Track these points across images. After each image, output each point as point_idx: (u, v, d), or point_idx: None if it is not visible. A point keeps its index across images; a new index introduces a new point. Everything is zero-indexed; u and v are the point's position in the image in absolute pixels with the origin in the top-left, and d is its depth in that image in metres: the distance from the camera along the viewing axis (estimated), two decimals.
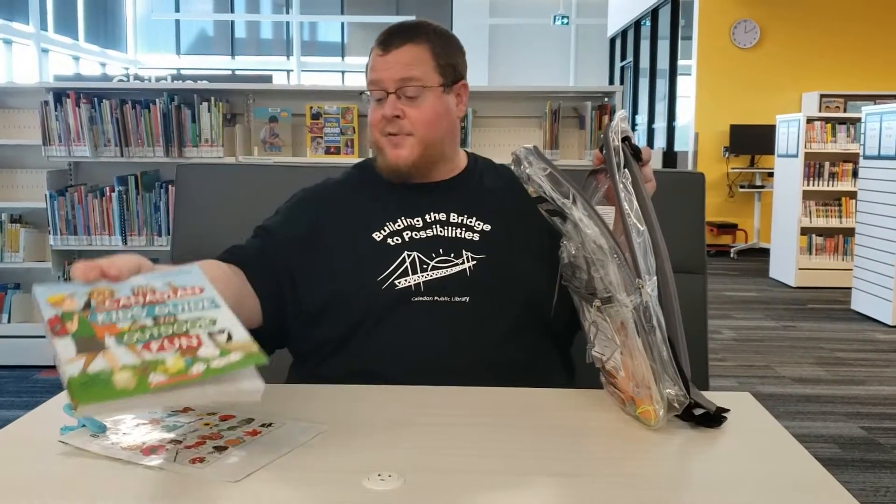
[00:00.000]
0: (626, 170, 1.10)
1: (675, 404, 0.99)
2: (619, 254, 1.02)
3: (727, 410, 1.03)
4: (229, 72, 15.50)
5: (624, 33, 12.56)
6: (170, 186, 3.89)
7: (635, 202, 1.07)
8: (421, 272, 1.29)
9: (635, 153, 1.14)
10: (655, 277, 1.03)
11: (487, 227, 1.35)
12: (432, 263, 1.30)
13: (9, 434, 1.00)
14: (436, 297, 1.28)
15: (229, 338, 0.84)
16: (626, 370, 1.02)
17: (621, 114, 1.15)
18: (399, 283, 1.29)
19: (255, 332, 1.27)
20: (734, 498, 0.85)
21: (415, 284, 1.29)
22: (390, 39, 1.36)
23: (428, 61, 1.36)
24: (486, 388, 1.15)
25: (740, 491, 0.87)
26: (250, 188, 1.68)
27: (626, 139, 1.13)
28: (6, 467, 0.90)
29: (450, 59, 1.39)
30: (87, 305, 0.87)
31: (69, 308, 0.86)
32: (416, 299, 1.28)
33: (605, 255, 1.03)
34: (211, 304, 0.90)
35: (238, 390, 0.80)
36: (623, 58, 12.81)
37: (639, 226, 1.05)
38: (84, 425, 0.98)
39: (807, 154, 6.36)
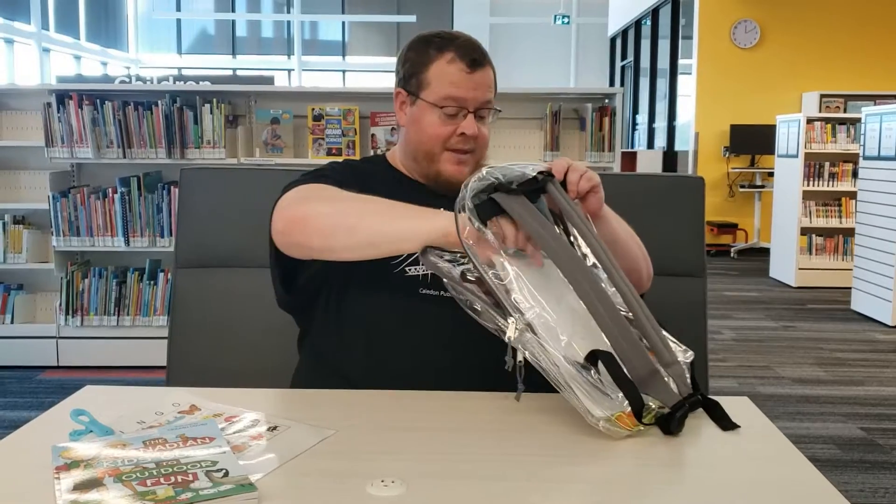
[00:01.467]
0: (497, 219, 1.11)
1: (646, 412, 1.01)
2: (488, 306, 1.08)
3: (685, 405, 1.03)
4: (230, 72, 15.51)
5: (624, 33, 12.56)
6: (172, 188, 3.90)
7: (501, 255, 1.09)
8: (415, 265, 1.31)
9: (516, 189, 1.12)
10: (534, 306, 1.06)
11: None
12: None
13: (17, 439, 1.01)
14: (442, 292, 1.30)
15: (226, 474, 0.86)
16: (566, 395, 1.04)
17: (478, 173, 1.13)
18: (409, 270, 1.31)
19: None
20: (729, 501, 0.87)
21: (422, 274, 1.30)
22: (478, 59, 1.36)
23: (494, 86, 1.41)
24: (488, 394, 1.16)
25: (736, 495, 0.88)
26: (253, 190, 1.69)
27: (498, 187, 1.12)
28: (15, 473, 0.92)
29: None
30: (97, 457, 0.91)
31: (78, 457, 0.90)
32: (424, 292, 1.30)
33: (480, 310, 1.09)
34: (218, 451, 0.92)
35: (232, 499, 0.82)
36: (624, 57, 12.81)
37: (508, 269, 1.08)
38: (91, 430, 1.00)
39: (807, 154, 6.36)
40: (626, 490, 0.90)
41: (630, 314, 1.10)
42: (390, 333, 1.30)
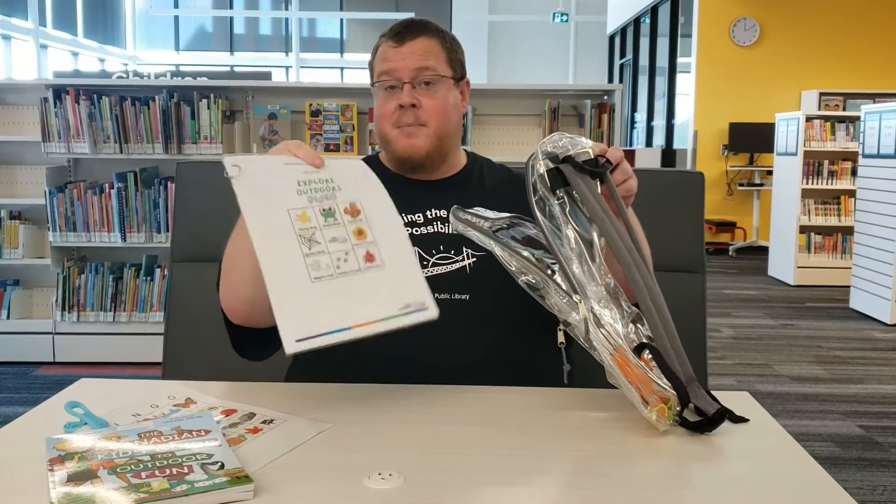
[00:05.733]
0: (561, 193, 1.10)
1: (677, 407, 1.00)
2: (549, 280, 1.06)
3: (728, 412, 1.03)
4: (228, 68, 15.49)
5: (623, 31, 12.56)
6: (169, 183, 3.89)
7: (569, 226, 1.08)
8: (422, 268, 1.30)
9: (583, 167, 1.12)
10: (601, 288, 1.05)
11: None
12: (433, 260, 1.31)
13: (11, 431, 1.00)
14: (436, 295, 1.29)
15: (221, 466, 0.85)
16: (621, 379, 1.02)
17: (552, 137, 1.15)
18: None
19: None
20: (732, 497, 0.86)
21: None
22: (404, 32, 1.38)
23: (440, 53, 1.39)
24: (486, 388, 1.16)
25: (738, 490, 0.87)
26: None
27: (566, 159, 1.12)
28: (9, 465, 0.91)
29: (457, 55, 1.43)
30: (91, 449, 0.90)
31: (72, 449, 0.89)
32: None
33: (539, 286, 1.07)
34: (213, 443, 0.91)
35: (226, 498, 0.81)
36: (622, 55, 12.80)
37: (568, 248, 1.07)
38: (86, 423, 0.98)
39: (806, 152, 6.36)
40: (626, 484, 0.88)
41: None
42: (385, 340, 1.28)
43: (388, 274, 1.06)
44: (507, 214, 1.16)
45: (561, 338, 1.22)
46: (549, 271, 1.08)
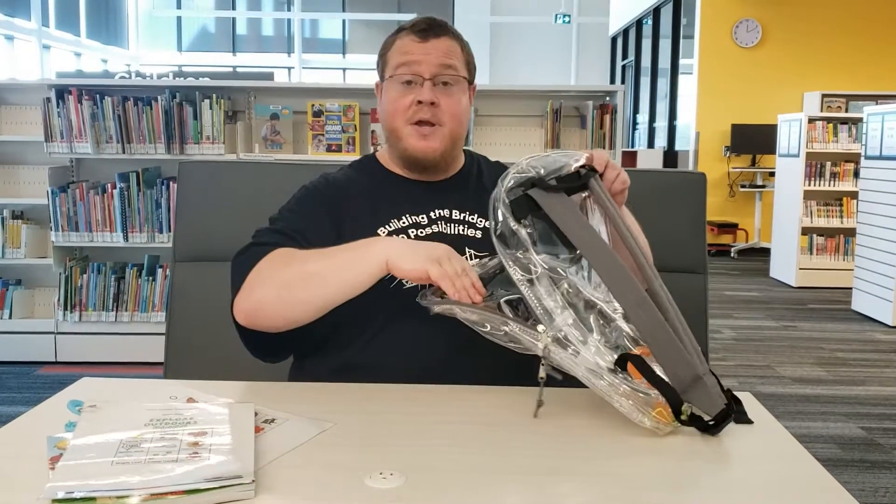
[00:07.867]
0: (527, 222, 1.10)
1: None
2: (503, 321, 1.06)
3: (734, 412, 1.02)
4: (231, 69, 15.49)
5: (625, 32, 12.56)
6: (171, 183, 3.89)
7: (537, 250, 1.08)
8: None
9: (556, 186, 1.12)
10: (567, 311, 1.04)
11: (489, 224, 1.36)
12: None
13: (13, 430, 1.00)
14: (443, 298, 1.28)
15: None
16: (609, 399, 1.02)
17: (538, 155, 1.14)
18: (406, 282, 1.28)
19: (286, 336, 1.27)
20: (734, 498, 0.86)
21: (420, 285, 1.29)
22: (429, 28, 1.36)
23: (460, 55, 1.39)
24: (487, 388, 1.15)
25: (740, 491, 0.87)
26: (252, 185, 1.68)
27: (536, 183, 1.12)
28: (10, 464, 0.91)
29: (472, 60, 1.43)
30: None
31: None
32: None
33: (497, 335, 1.07)
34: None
35: (228, 496, 0.81)
36: (624, 56, 12.80)
37: (541, 270, 1.07)
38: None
39: (808, 154, 6.35)
40: (628, 484, 0.88)
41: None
42: (387, 336, 1.28)
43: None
44: (495, 261, 1.16)
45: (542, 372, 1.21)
46: (508, 314, 1.07)
